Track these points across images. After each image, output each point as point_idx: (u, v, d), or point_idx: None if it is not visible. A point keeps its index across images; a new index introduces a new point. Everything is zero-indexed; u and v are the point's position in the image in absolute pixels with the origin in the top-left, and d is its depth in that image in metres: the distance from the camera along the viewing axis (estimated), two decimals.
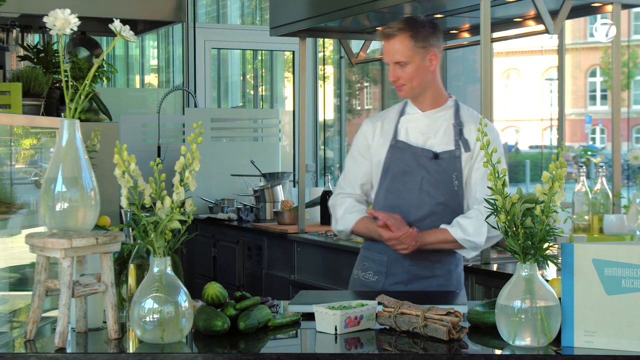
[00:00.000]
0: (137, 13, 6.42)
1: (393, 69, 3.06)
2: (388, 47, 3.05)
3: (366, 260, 3.17)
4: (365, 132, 3.19)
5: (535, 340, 2.12)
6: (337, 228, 3.19)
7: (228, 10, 9.85)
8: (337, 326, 2.32)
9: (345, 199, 3.18)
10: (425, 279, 3.08)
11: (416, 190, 3.06)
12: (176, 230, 2.21)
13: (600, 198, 3.62)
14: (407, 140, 3.10)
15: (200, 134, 2.22)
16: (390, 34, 3.03)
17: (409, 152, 3.08)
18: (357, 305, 2.41)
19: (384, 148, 3.12)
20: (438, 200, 3.05)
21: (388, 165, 3.10)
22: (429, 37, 3.04)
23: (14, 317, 2.70)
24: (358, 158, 3.19)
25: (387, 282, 3.10)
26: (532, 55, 20.35)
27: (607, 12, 4.08)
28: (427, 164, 3.05)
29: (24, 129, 3.17)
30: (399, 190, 3.08)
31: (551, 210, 2.12)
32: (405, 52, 3.02)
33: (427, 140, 3.09)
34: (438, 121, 3.11)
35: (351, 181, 3.19)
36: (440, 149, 3.07)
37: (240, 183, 6.45)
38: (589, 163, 13.36)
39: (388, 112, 3.21)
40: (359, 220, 3.12)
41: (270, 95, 9.15)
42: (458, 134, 3.08)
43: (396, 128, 3.13)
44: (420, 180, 3.05)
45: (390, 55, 3.04)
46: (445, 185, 3.04)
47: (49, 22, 2.21)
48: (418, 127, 3.11)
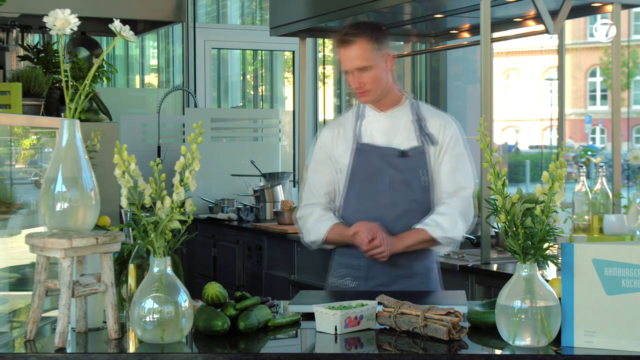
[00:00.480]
0: (137, 13, 6.43)
1: (355, 75, 3.01)
2: (348, 54, 3.00)
3: (342, 267, 3.13)
4: (324, 140, 3.16)
5: (535, 340, 2.12)
6: (310, 239, 3.14)
7: (228, 10, 9.85)
8: (337, 326, 2.32)
9: (312, 209, 3.14)
10: (405, 278, 3.07)
11: (387, 190, 3.04)
12: (176, 230, 2.21)
13: (600, 198, 3.62)
14: (372, 142, 3.09)
15: (200, 134, 2.22)
16: (348, 40, 2.99)
17: (374, 153, 3.07)
18: (357, 305, 2.41)
19: (347, 153, 3.09)
20: (411, 197, 3.04)
21: (355, 169, 3.08)
22: (383, 39, 3.04)
23: (14, 317, 2.70)
24: (319, 167, 3.15)
25: (368, 286, 3.07)
26: (532, 55, 20.37)
27: (607, 12, 4.08)
28: (395, 162, 3.05)
29: (24, 129, 3.17)
30: (370, 192, 3.06)
31: (551, 210, 2.12)
32: (367, 57, 2.99)
33: (391, 139, 3.08)
34: (398, 119, 3.10)
35: (315, 191, 3.15)
36: (406, 146, 3.06)
37: (240, 183, 6.45)
38: (589, 163, 13.37)
39: (344, 117, 3.19)
40: (331, 228, 3.08)
41: (270, 95, 9.15)
42: (420, 130, 3.07)
43: (357, 131, 3.11)
44: (390, 179, 3.04)
45: (351, 61, 3.00)
46: (416, 181, 3.04)
47: (49, 22, 2.21)
48: (380, 127, 3.10)
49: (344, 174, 3.10)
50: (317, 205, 3.14)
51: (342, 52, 3.02)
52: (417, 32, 5.25)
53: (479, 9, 3.76)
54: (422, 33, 5.27)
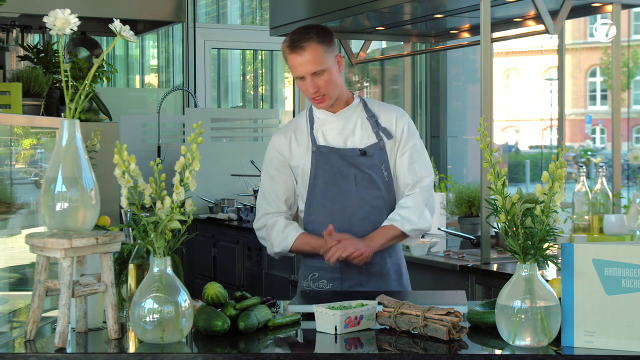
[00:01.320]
0: (137, 13, 6.43)
1: (310, 80, 2.96)
2: (300, 60, 2.95)
3: (315, 270, 3.09)
4: (278, 146, 3.11)
5: (535, 340, 2.12)
6: (274, 250, 3.10)
7: (228, 10, 9.85)
8: (337, 326, 2.32)
9: (275, 219, 3.09)
10: (379, 277, 3.06)
11: (352, 190, 3.03)
12: (176, 230, 2.21)
13: (600, 198, 3.62)
14: (329, 144, 3.06)
15: (200, 134, 2.22)
16: (300, 46, 2.95)
17: (334, 154, 3.04)
18: (357, 305, 2.41)
19: (306, 157, 3.06)
20: (376, 194, 3.04)
21: (315, 172, 3.05)
22: (332, 41, 3.01)
23: (14, 317, 2.70)
24: (276, 174, 3.11)
25: (344, 286, 3.05)
26: (532, 55, 20.37)
27: (607, 12, 4.08)
28: (356, 162, 3.03)
29: (24, 129, 3.17)
30: (334, 193, 3.03)
31: (551, 210, 2.12)
32: (320, 61, 2.95)
33: (347, 139, 3.06)
34: (351, 119, 3.08)
35: (273, 199, 3.10)
36: (365, 144, 3.05)
37: (240, 183, 6.45)
38: (589, 163, 13.37)
39: (296, 122, 3.15)
40: (298, 237, 3.05)
41: (270, 95, 9.15)
42: (375, 125, 3.06)
43: (312, 135, 3.07)
44: (353, 179, 3.03)
45: (305, 67, 2.95)
46: (379, 178, 3.03)
47: (49, 22, 2.21)
48: (334, 129, 3.07)
49: (305, 178, 3.06)
50: (279, 215, 3.10)
51: (294, 58, 2.96)
52: (417, 32, 5.25)
53: (479, 9, 3.76)
54: (422, 33, 5.28)
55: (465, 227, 4.57)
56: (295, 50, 2.96)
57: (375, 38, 5.28)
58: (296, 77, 3.01)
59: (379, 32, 5.14)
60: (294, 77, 3.01)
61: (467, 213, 4.60)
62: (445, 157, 7.55)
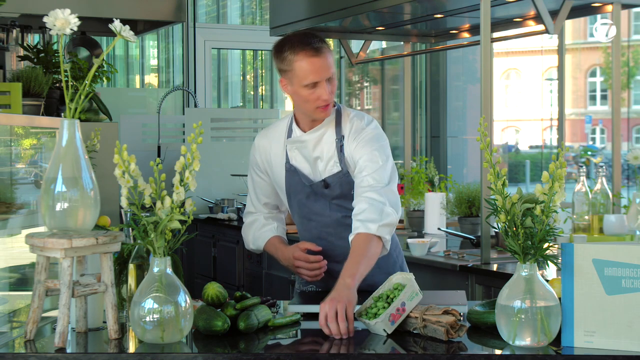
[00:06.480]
0: (137, 13, 6.42)
1: (326, 85, 2.79)
2: (322, 63, 2.78)
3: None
4: (260, 149, 3.03)
5: (535, 340, 2.12)
6: (250, 247, 3.10)
7: (228, 10, 9.85)
8: (385, 329, 2.31)
9: (254, 217, 3.08)
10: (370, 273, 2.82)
11: (326, 212, 2.96)
12: (176, 230, 2.21)
13: (600, 198, 3.62)
14: (298, 167, 2.96)
15: (200, 134, 2.22)
16: (320, 47, 2.79)
17: (303, 178, 2.95)
18: (392, 294, 2.36)
19: (281, 171, 2.99)
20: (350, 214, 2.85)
21: (289, 190, 2.99)
22: None
23: (14, 317, 2.70)
24: (256, 179, 3.07)
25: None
26: (532, 55, 20.35)
27: (607, 12, 4.08)
28: (323, 192, 2.94)
29: (24, 129, 3.17)
30: (309, 213, 2.98)
31: (551, 210, 2.12)
32: (333, 65, 2.83)
33: (314, 164, 2.93)
34: (322, 142, 2.93)
35: (254, 201, 3.09)
36: (328, 172, 2.92)
37: (240, 183, 6.44)
38: (589, 163, 13.37)
39: (277, 128, 3.03)
40: (268, 241, 3.03)
41: (270, 95, 9.15)
42: (340, 151, 2.90)
43: (286, 151, 2.98)
44: (327, 202, 2.95)
45: (325, 70, 2.78)
46: (349, 201, 2.89)
47: (49, 22, 2.21)
48: (304, 149, 2.94)
49: (282, 191, 3.02)
50: (259, 214, 3.09)
51: (315, 61, 2.77)
52: (417, 32, 5.25)
53: (479, 9, 3.76)
54: (422, 33, 5.27)
55: (465, 227, 4.57)
56: (317, 52, 2.78)
57: (375, 38, 5.28)
58: (307, 85, 2.79)
59: (379, 32, 5.14)
60: (304, 84, 2.79)
61: (467, 213, 4.60)
62: (445, 157, 7.55)
